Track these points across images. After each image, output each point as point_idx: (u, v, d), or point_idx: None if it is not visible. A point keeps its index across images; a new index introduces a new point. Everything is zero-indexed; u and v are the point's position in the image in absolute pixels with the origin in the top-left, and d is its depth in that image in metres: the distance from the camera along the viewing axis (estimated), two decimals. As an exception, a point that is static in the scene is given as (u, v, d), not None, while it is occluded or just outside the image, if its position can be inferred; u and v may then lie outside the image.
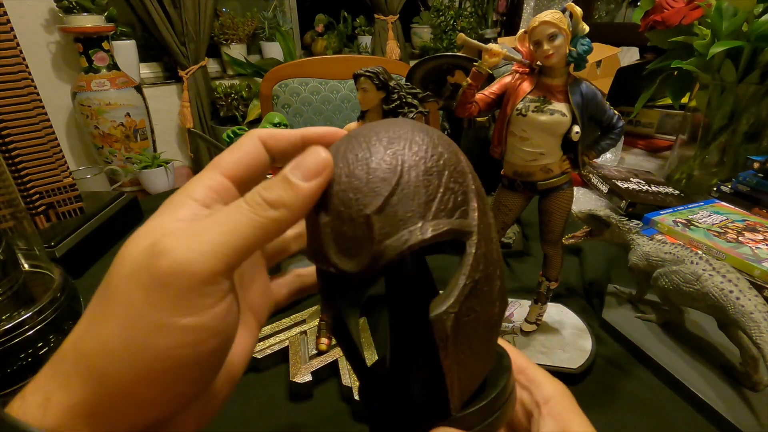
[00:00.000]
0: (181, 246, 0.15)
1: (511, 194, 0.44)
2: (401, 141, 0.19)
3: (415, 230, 0.17)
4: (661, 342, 0.47)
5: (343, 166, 0.18)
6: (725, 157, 0.84)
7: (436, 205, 0.18)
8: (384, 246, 0.17)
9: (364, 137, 0.19)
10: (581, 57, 0.37)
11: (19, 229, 0.51)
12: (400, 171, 0.18)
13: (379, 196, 0.17)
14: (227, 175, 0.19)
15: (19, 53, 0.56)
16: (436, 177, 0.18)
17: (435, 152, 0.19)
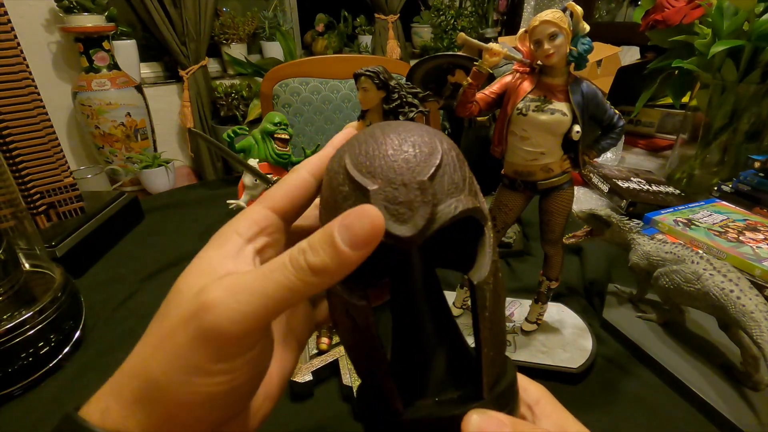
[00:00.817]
0: (225, 305, 0.16)
1: (512, 194, 0.44)
2: (431, 132, 0.20)
3: (459, 201, 0.19)
4: (661, 341, 0.47)
5: (390, 142, 0.19)
6: (726, 157, 0.84)
7: (467, 186, 0.20)
8: (438, 210, 0.18)
9: (398, 125, 0.20)
10: (582, 56, 0.37)
11: (19, 228, 0.51)
12: (441, 150, 0.19)
13: (431, 165, 0.18)
14: (273, 209, 0.20)
15: (20, 53, 0.56)
16: (463, 163, 0.20)
17: (453, 148, 0.20)
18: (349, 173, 0.18)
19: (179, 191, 0.94)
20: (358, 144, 0.19)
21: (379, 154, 0.18)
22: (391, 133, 0.19)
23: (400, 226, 0.18)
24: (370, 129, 0.20)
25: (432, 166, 0.18)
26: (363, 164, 0.18)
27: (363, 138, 0.20)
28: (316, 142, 1.43)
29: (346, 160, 0.19)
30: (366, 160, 0.18)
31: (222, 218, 0.78)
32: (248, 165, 0.53)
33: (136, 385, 0.17)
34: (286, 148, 0.71)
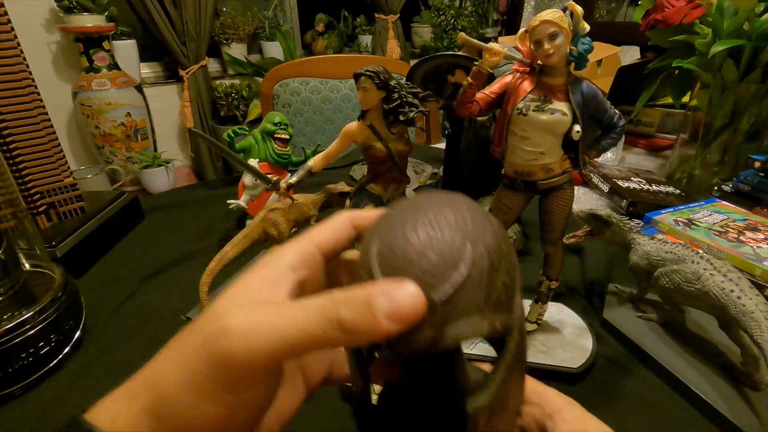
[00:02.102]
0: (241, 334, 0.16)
1: (512, 193, 0.44)
2: (474, 236, 0.18)
3: (474, 325, 0.17)
4: (661, 341, 0.47)
5: (416, 241, 0.17)
6: (726, 157, 0.84)
7: (493, 302, 0.18)
8: (443, 334, 0.17)
9: (434, 212, 0.18)
10: (582, 56, 0.37)
11: (20, 228, 0.51)
12: (471, 262, 0.17)
13: (448, 284, 0.17)
14: (316, 244, 0.21)
15: (20, 53, 0.56)
16: (497, 272, 0.18)
17: (500, 246, 0.18)
18: (371, 265, 0.18)
19: (179, 191, 0.94)
20: (388, 230, 0.18)
21: (400, 254, 0.17)
22: (421, 228, 0.18)
23: (400, 342, 0.17)
24: (405, 210, 0.19)
25: (451, 283, 0.17)
26: (385, 258, 0.18)
27: (394, 224, 0.18)
28: (316, 141, 1.43)
29: (373, 247, 0.18)
30: (388, 254, 0.17)
31: (222, 218, 0.78)
32: (248, 165, 0.53)
33: (149, 396, 0.18)
34: (286, 148, 0.71)
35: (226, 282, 0.58)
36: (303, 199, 0.61)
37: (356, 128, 0.45)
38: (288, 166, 0.74)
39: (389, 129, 0.44)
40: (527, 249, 0.69)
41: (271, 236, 0.58)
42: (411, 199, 0.20)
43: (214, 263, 0.54)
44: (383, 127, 0.44)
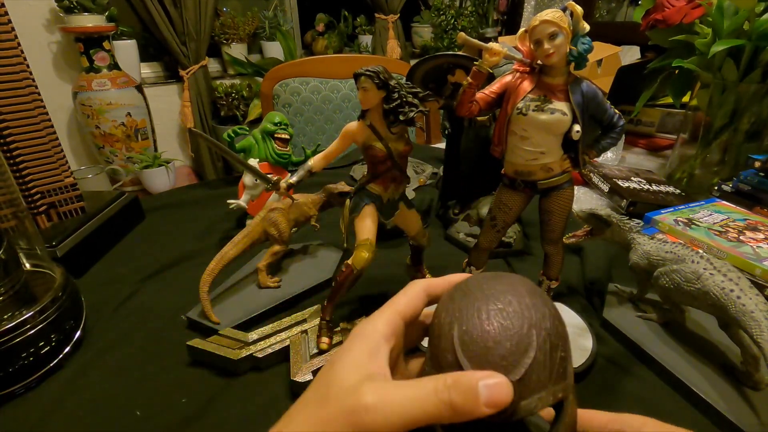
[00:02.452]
0: (382, 412, 0.20)
1: (512, 193, 0.44)
2: (536, 313, 0.21)
3: (542, 398, 0.21)
4: (662, 341, 0.47)
5: (491, 329, 0.21)
6: (726, 156, 0.84)
7: (555, 375, 0.21)
8: (519, 407, 0.20)
9: (501, 302, 0.22)
10: (582, 56, 0.37)
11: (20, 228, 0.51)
12: (537, 346, 0.21)
13: (521, 366, 0.20)
14: (400, 313, 0.25)
15: (20, 53, 0.56)
16: (557, 350, 0.21)
17: (556, 326, 0.22)
18: (455, 348, 0.21)
19: (179, 191, 0.94)
20: (465, 317, 0.22)
21: (479, 340, 0.21)
22: (494, 317, 0.21)
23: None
24: (476, 297, 0.22)
25: (523, 366, 0.20)
26: (466, 344, 0.21)
27: (470, 311, 0.22)
28: (316, 141, 1.43)
29: (454, 331, 0.21)
30: (469, 341, 0.21)
31: (222, 218, 0.78)
32: (248, 165, 0.53)
33: None
34: (286, 148, 0.71)
35: (226, 282, 0.58)
36: (303, 198, 0.61)
37: (356, 128, 0.45)
38: (288, 166, 0.74)
39: (389, 129, 0.44)
40: (527, 248, 0.69)
41: (272, 236, 0.58)
42: (476, 281, 0.24)
43: (215, 263, 0.54)
44: (383, 126, 0.44)
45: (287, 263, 0.63)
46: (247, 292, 0.57)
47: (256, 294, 0.56)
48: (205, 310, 0.51)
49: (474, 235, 0.69)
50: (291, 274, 0.60)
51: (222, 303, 0.54)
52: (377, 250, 0.46)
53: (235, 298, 0.55)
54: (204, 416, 0.41)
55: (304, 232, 0.65)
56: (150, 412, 0.41)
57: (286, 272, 0.61)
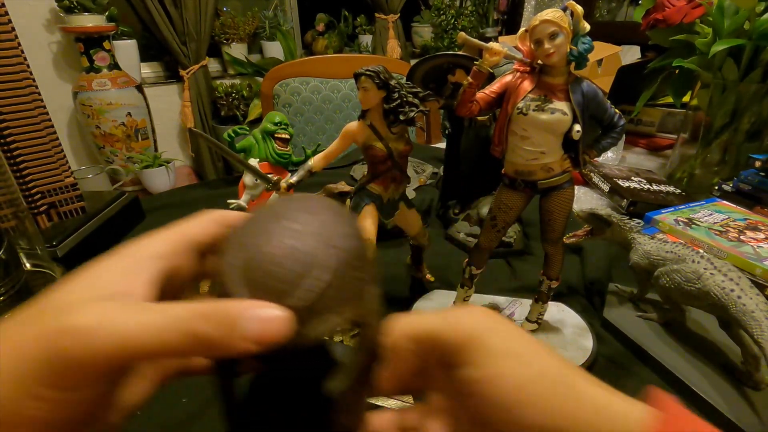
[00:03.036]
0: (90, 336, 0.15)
1: (512, 193, 0.44)
2: (331, 231, 0.20)
3: (331, 323, 0.19)
4: (662, 341, 0.47)
5: (277, 250, 0.18)
6: (727, 156, 0.84)
7: (352, 297, 0.20)
8: (304, 332, 0.18)
9: (290, 220, 0.19)
10: (582, 56, 0.37)
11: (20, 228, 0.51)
12: (328, 267, 0.19)
13: (305, 290, 0.18)
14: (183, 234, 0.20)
15: (21, 53, 0.56)
16: (352, 271, 0.20)
17: (357, 246, 0.20)
18: (229, 276, 0.18)
19: (180, 191, 0.94)
20: (246, 241, 0.19)
21: (260, 263, 0.18)
22: (277, 238, 0.19)
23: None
24: (263, 219, 0.20)
25: (308, 290, 0.18)
26: (243, 269, 0.18)
27: (253, 234, 0.19)
28: (316, 141, 1.43)
29: (231, 258, 0.19)
30: (247, 265, 0.18)
31: (222, 218, 0.78)
32: (249, 165, 0.53)
33: None
34: (286, 148, 0.71)
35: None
36: None
37: (356, 128, 0.45)
38: (288, 166, 0.74)
39: (389, 129, 0.44)
40: (528, 248, 0.69)
41: (272, 236, 0.58)
42: (270, 205, 0.21)
43: None
44: (383, 126, 0.44)
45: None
46: None
47: None
48: None
49: (474, 235, 0.69)
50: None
51: None
52: (377, 250, 0.46)
53: None
54: (205, 416, 0.41)
55: None
56: (150, 411, 0.41)
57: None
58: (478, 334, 0.20)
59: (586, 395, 0.19)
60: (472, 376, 0.19)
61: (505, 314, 0.52)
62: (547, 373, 0.19)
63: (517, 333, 0.20)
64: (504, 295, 0.55)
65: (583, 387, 0.20)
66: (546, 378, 0.19)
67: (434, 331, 0.21)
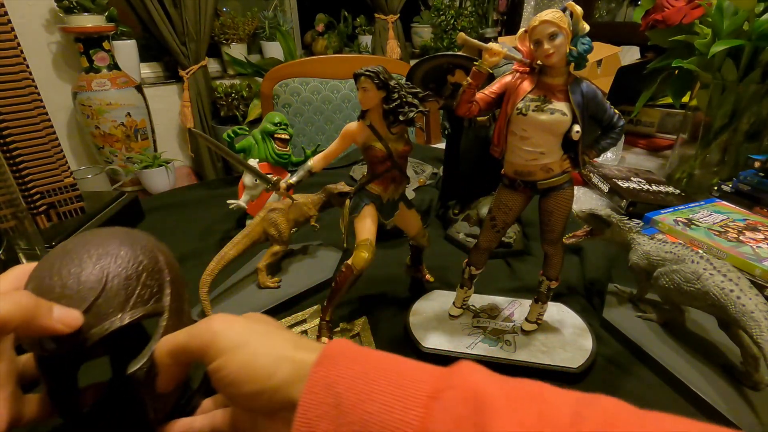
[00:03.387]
0: None
1: (512, 193, 0.44)
2: (108, 257, 0.28)
3: (116, 320, 0.27)
4: (661, 341, 0.47)
5: (57, 279, 0.26)
6: (726, 157, 0.84)
7: (134, 300, 0.28)
8: (90, 334, 0.26)
9: (77, 254, 0.28)
10: (582, 56, 0.37)
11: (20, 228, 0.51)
12: (105, 281, 0.27)
13: (87, 300, 0.26)
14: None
15: (20, 53, 0.56)
16: (134, 280, 0.28)
17: (135, 261, 0.29)
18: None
19: (179, 191, 0.94)
20: (40, 274, 0.27)
21: (53, 288, 0.26)
22: (65, 267, 0.27)
23: (62, 345, 0.26)
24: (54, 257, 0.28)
25: (89, 300, 0.26)
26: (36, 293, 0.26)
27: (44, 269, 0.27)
28: (316, 142, 1.43)
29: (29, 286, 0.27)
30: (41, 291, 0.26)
31: (222, 218, 0.78)
32: (248, 165, 0.53)
33: None
34: (286, 148, 0.71)
35: (226, 282, 0.58)
36: (303, 199, 0.61)
37: (356, 128, 0.45)
38: (288, 166, 0.74)
39: (389, 129, 0.44)
40: (527, 249, 0.69)
41: (271, 236, 0.58)
42: (63, 244, 0.29)
43: (214, 263, 0.54)
44: (383, 127, 0.44)
45: (287, 263, 0.63)
46: (246, 292, 0.57)
47: (256, 294, 0.56)
48: (205, 310, 0.51)
49: (474, 236, 0.69)
50: (291, 275, 0.60)
51: (222, 303, 0.54)
52: (377, 251, 0.46)
53: (235, 299, 0.55)
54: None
55: (304, 232, 0.65)
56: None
57: (286, 272, 0.61)
58: (214, 336, 0.26)
59: (286, 358, 0.25)
60: (213, 368, 0.26)
61: (504, 314, 0.52)
62: (259, 352, 0.26)
63: (247, 329, 0.27)
64: (503, 296, 0.55)
65: (287, 353, 0.26)
66: (258, 355, 0.25)
67: (181, 344, 0.27)
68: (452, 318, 0.51)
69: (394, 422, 0.21)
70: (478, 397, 0.21)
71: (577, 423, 0.20)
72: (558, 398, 0.22)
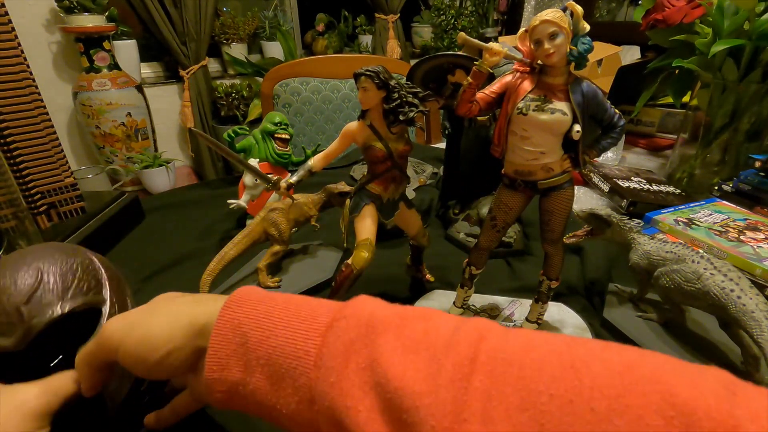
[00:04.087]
0: None
1: (512, 193, 0.44)
2: (42, 259, 0.32)
3: (56, 308, 0.30)
4: (662, 341, 0.47)
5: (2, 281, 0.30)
6: (727, 156, 0.84)
7: (72, 290, 0.32)
8: (32, 324, 0.29)
9: (13, 262, 0.32)
10: (582, 56, 0.37)
11: (20, 228, 0.51)
12: (41, 276, 0.31)
13: (25, 293, 0.30)
14: None
15: (21, 53, 0.56)
16: (71, 275, 0.32)
17: (68, 261, 0.33)
18: None
19: (180, 191, 0.94)
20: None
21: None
22: (7, 270, 0.31)
23: (6, 339, 0.29)
24: (4, 264, 0.32)
25: (27, 293, 0.30)
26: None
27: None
28: (316, 141, 1.43)
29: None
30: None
31: (222, 218, 0.78)
32: (249, 165, 0.53)
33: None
34: (286, 148, 0.71)
35: (227, 281, 0.58)
36: (303, 198, 0.61)
37: (356, 128, 0.45)
38: (288, 166, 0.74)
39: (389, 129, 0.44)
40: (528, 249, 0.69)
41: (272, 236, 0.58)
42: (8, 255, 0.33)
43: (215, 263, 0.54)
44: (383, 126, 0.44)
45: (287, 263, 0.63)
46: None
47: None
48: None
49: (474, 235, 0.69)
50: (291, 274, 0.60)
51: None
52: (377, 250, 0.46)
53: None
54: (205, 415, 0.41)
55: (304, 232, 0.65)
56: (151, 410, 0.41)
57: (287, 272, 0.61)
58: (109, 335, 0.28)
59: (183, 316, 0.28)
60: (121, 362, 0.28)
61: (505, 314, 0.52)
62: (153, 324, 0.28)
63: (141, 312, 0.30)
64: (504, 296, 0.55)
65: (183, 312, 0.29)
66: (152, 327, 0.28)
67: (91, 352, 0.30)
68: (452, 318, 0.51)
69: (297, 352, 0.24)
70: (370, 321, 0.24)
71: (456, 334, 0.23)
72: (443, 318, 0.25)
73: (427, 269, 0.59)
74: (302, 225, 0.62)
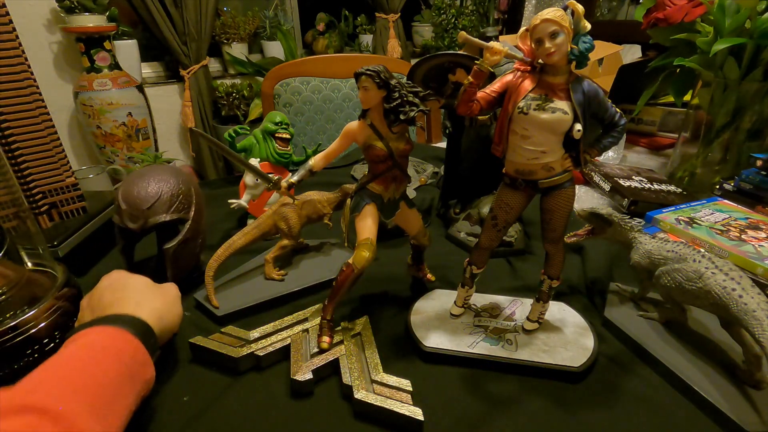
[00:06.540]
0: None
1: (513, 192, 0.44)
2: (163, 181, 0.53)
3: (163, 215, 0.52)
4: (663, 340, 0.47)
5: (132, 189, 0.52)
6: (728, 155, 0.83)
7: (174, 208, 0.53)
8: (149, 221, 0.51)
9: (145, 178, 0.53)
10: (583, 55, 0.37)
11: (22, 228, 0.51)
12: (160, 193, 0.52)
13: (149, 202, 0.52)
14: None
15: (22, 53, 0.56)
16: (175, 197, 0.53)
17: (177, 186, 0.54)
18: (118, 197, 0.53)
19: (181, 191, 0.93)
20: (126, 188, 0.53)
21: (129, 195, 0.52)
22: (140, 181, 0.53)
23: (133, 224, 0.52)
24: (131, 179, 0.54)
25: (150, 202, 0.51)
26: (123, 197, 0.53)
27: (128, 183, 0.53)
28: (317, 141, 1.43)
29: (119, 195, 0.53)
30: (125, 195, 0.52)
31: (223, 218, 0.78)
32: (249, 164, 0.53)
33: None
34: (287, 148, 0.71)
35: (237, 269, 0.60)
36: (318, 196, 0.62)
37: (357, 127, 0.45)
38: (289, 166, 0.74)
39: (390, 128, 0.44)
40: (529, 248, 0.69)
41: (281, 230, 0.58)
42: (139, 171, 0.56)
43: (222, 249, 0.56)
44: (384, 126, 0.44)
45: (298, 259, 0.64)
46: (251, 282, 0.58)
47: (260, 285, 0.57)
48: (208, 293, 0.53)
49: (475, 235, 0.69)
50: (299, 270, 0.61)
51: (226, 290, 0.56)
52: (378, 250, 0.46)
53: (239, 287, 0.57)
54: (205, 414, 0.41)
55: (322, 231, 0.66)
56: (152, 410, 0.41)
57: (296, 267, 0.62)
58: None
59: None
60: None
61: (506, 313, 0.52)
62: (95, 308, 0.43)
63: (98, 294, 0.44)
64: (505, 295, 0.55)
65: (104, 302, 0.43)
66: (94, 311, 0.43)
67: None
68: (453, 317, 0.51)
69: None
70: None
71: None
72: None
73: (428, 269, 0.59)
74: (315, 222, 0.62)
